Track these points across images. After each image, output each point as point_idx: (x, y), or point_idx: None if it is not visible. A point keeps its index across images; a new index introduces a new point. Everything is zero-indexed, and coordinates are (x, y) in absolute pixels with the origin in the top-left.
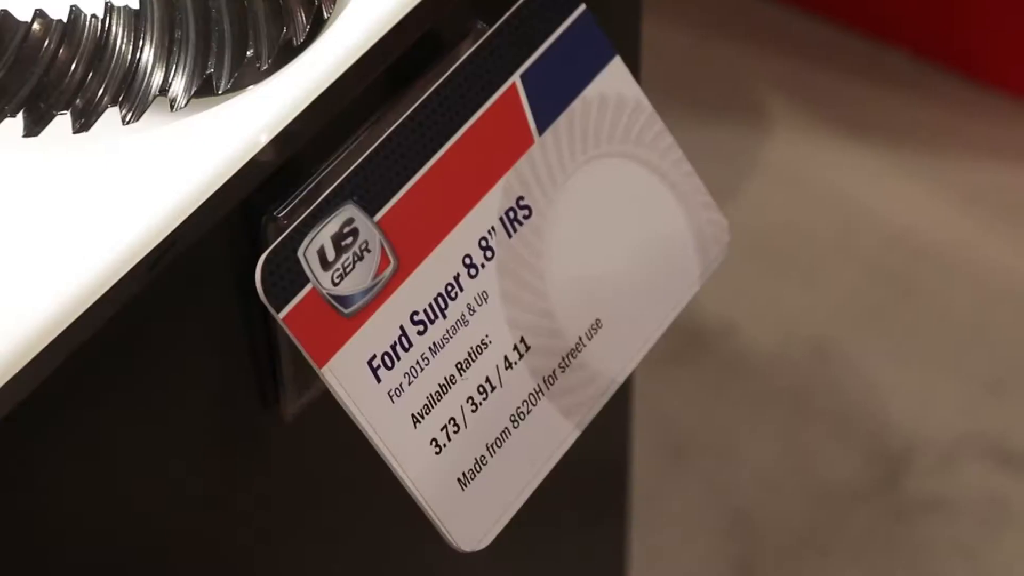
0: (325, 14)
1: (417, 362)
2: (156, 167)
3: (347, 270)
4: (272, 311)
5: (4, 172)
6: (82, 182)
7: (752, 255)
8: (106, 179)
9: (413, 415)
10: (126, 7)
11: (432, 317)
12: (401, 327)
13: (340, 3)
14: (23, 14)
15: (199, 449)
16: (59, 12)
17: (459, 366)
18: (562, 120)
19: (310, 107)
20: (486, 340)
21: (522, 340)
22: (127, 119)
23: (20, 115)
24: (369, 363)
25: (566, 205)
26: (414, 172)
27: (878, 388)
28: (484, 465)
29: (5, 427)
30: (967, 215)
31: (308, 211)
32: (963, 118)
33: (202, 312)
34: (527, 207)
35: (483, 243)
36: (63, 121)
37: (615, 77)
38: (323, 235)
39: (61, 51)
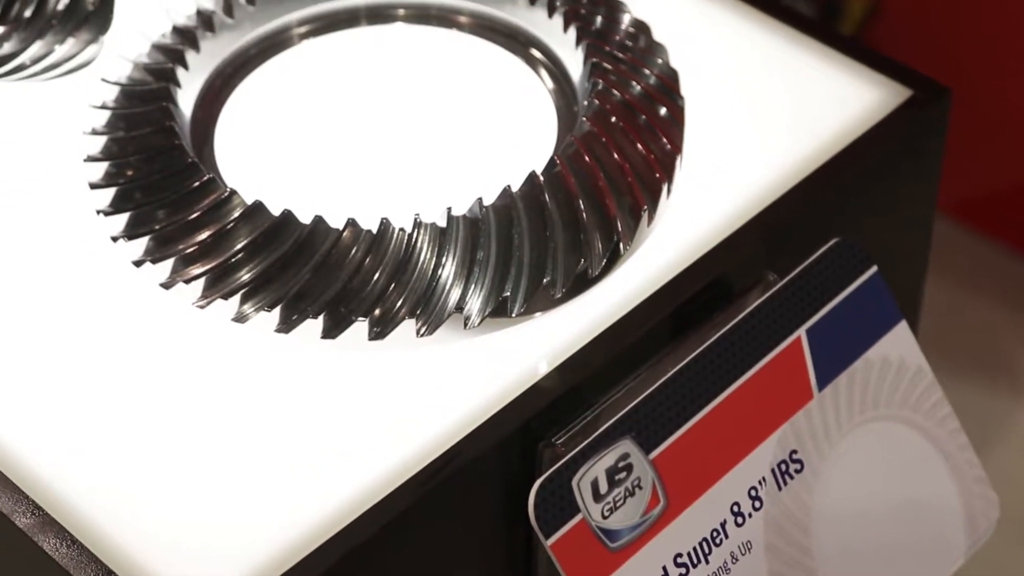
0: (622, 249)
1: None
2: (442, 382)
3: (617, 504)
4: (540, 537)
5: (301, 369)
6: (370, 388)
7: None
8: (393, 388)
9: None
10: (433, 224)
11: (695, 561)
12: (664, 567)
13: (638, 239)
14: (336, 221)
15: None
16: (370, 223)
17: None
18: (843, 378)
19: (596, 339)
20: None
21: None
22: (421, 332)
23: (321, 317)
24: None
25: (838, 463)
26: (693, 414)
27: None
28: None
29: None
30: None
31: (586, 442)
32: None
33: (467, 528)
34: (799, 461)
35: (752, 492)
36: (360, 327)
37: (899, 341)
38: (598, 467)
39: (367, 260)
